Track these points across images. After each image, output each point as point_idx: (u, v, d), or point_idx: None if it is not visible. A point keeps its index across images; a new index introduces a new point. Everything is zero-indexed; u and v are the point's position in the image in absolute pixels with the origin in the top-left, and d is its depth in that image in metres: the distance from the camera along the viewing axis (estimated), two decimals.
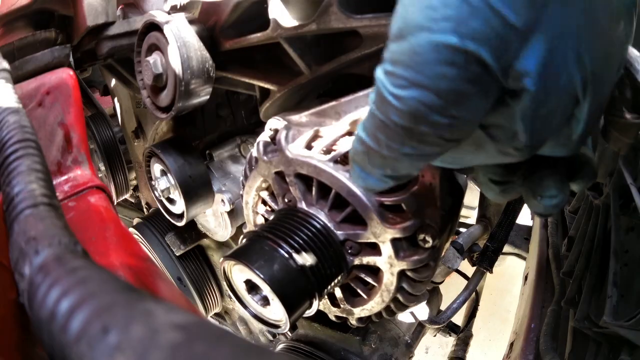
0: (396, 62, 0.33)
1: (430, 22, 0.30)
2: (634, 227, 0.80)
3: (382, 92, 0.34)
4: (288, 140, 0.66)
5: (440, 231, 0.61)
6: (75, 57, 1.02)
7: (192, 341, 0.20)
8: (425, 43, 0.31)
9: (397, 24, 0.33)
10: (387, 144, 0.37)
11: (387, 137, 0.36)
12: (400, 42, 0.32)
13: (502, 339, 2.02)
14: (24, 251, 0.31)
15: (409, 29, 0.31)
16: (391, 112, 0.34)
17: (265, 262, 0.61)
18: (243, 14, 0.74)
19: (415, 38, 0.31)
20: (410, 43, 0.31)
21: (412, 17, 0.31)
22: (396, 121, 0.34)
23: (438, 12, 0.30)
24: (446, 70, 0.31)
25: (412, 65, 0.32)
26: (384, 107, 0.34)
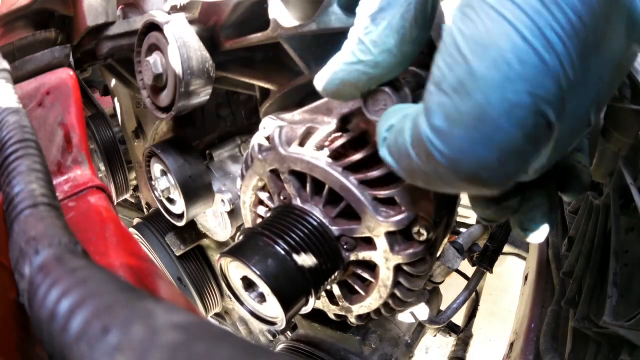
0: (453, 120, 0.30)
1: (505, 81, 0.28)
2: (634, 227, 0.80)
3: (430, 149, 0.32)
4: (281, 138, 0.67)
5: (435, 224, 0.61)
6: (75, 57, 1.02)
7: (192, 341, 0.20)
8: (497, 103, 0.28)
9: (455, 76, 0.29)
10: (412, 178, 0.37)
11: (423, 180, 0.36)
12: (461, 97, 0.29)
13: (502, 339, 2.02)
14: (24, 251, 0.31)
15: (475, 86, 0.28)
16: (439, 168, 0.32)
17: (261, 258, 0.62)
18: (243, 14, 0.74)
19: (483, 96, 0.28)
20: (475, 101, 0.29)
21: (481, 72, 0.28)
22: (442, 176, 0.32)
23: (514, 70, 0.28)
24: (514, 132, 0.29)
25: (475, 126, 0.29)
26: (429, 162, 0.32)
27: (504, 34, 0.28)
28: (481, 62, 0.28)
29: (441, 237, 0.68)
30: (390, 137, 0.39)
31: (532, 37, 0.27)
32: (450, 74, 0.30)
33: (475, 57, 0.29)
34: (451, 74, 0.30)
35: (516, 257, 1.50)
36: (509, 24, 0.28)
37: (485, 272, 1.25)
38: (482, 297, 1.42)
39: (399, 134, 0.37)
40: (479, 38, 0.29)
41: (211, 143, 1.19)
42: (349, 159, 0.62)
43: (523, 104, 0.28)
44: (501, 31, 0.28)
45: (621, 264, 0.75)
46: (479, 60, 0.28)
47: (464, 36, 0.29)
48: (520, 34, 0.27)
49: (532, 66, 0.28)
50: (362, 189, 0.61)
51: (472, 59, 0.29)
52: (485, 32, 0.28)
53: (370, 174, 0.60)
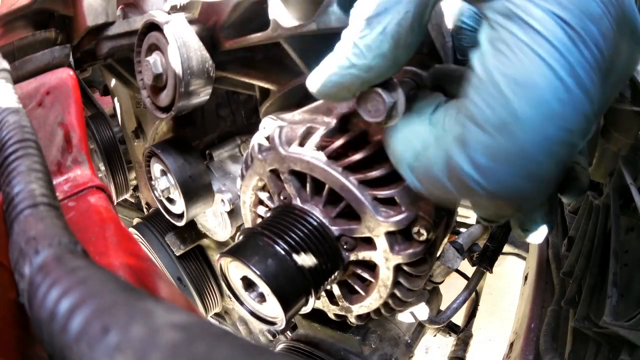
0: (496, 159, 0.31)
1: (545, 120, 0.29)
2: (634, 227, 0.80)
3: (471, 184, 0.33)
4: (281, 138, 0.67)
5: (435, 224, 0.61)
6: (75, 57, 1.02)
7: (192, 341, 0.20)
8: (538, 142, 0.30)
9: (498, 117, 0.30)
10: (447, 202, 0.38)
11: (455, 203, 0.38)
12: (504, 137, 0.30)
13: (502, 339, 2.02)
14: (24, 251, 0.31)
15: (519, 126, 0.30)
16: (478, 199, 0.34)
17: (261, 258, 0.62)
18: (243, 14, 0.74)
19: (526, 136, 0.30)
20: (518, 140, 0.30)
21: (524, 112, 0.30)
22: (479, 204, 0.35)
23: (553, 109, 0.29)
24: (551, 166, 0.31)
25: (518, 163, 0.31)
26: (468, 194, 0.34)
27: (542, 74, 0.29)
28: (523, 103, 0.30)
29: (441, 237, 0.69)
30: (419, 167, 0.40)
31: (566, 76, 0.29)
32: (492, 113, 0.31)
33: (517, 97, 0.30)
34: (493, 113, 0.31)
35: (516, 257, 1.50)
36: (544, 63, 0.29)
37: (485, 272, 1.25)
38: (482, 297, 1.42)
39: (431, 165, 0.38)
40: (519, 78, 0.30)
41: (211, 143, 1.19)
42: (349, 159, 0.62)
43: (560, 140, 0.30)
44: (539, 71, 0.29)
45: (621, 264, 0.75)
46: (521, 101, 0.30)
47: (503, 75, 0.30)
48: (556, 74, 0.29)
49: (568, 104, 0.29)
50: (362, 189, 0.61)
51: (514, 100, 0.30)
52: (524, 71, 0.29)
53: (370, 174, 0.60)
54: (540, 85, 0.29)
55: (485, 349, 2.13)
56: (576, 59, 0.29)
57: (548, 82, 0.29)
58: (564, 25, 0.29)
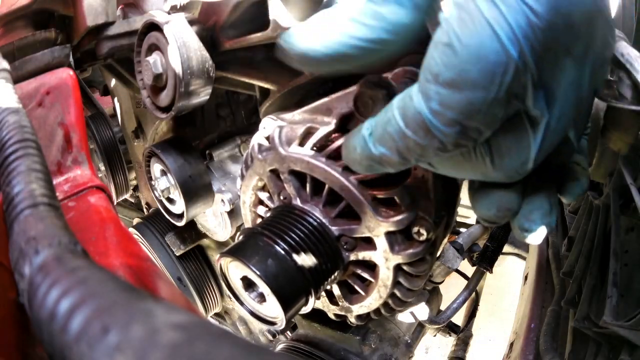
0: (448, 107, 0.37)
1: (490, 83, 0.35)
2: (634, 227, 0.80)
3: (429, 126, 0.39)
4: (281, 138, 0.67)
5: (435, 224, 0.61)
6: (75, 57, 1.02)
7: (192, 341, 0.20)
8: (482, 100, 0.36)
9: (450, 74, 0.36)
10: (404, 155, 0.43)
11: (417, 153, 0.42)
12: (454, 91, 0.36)
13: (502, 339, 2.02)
14: (23, 251, 0.31)
15: (466, 85, 0.36)
16: (432, 140, 0.39)
17: (261, 258, 0.62)
18: (243, 14, 0.74)
19: (472, 94, 0.36)
20: (466, 96, 0.36)
21: (473, 77, 0.35)
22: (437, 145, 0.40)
23: (497, 76, 0.35)
24: (494, 113, 0.37)
25: (465, 112, 0.37)
26: (426, 136, 0.39)
27: (496, 52, 0.34)
28: (473, 68, 0.35)
29: (441, 237, 0.69)
30: (377, 130, 0.44)
31: (515, 51, 0.34)
32: (447, 71, 0.36)
33: (469, 64, 0.35)
34: (448, 71, 0.36)
35: (516, 257, 1.50)
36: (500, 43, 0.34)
37: (485, 272, 1.25)
38: (482, 297, 1.42)
39: (387, 125, 0.42)
40: (474, 49, 0.35)
41: (211, 143, 1.19)
42: None
43: (499, 99, 0.36)
44: (495, 49, 0.34)
45: (621, 264, 0.75)
46: (472, 67, 0.35)
47: (460, 42, 0.35)
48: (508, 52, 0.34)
49: (510, 76, 0.35)
50: (362, 189, 0.61)
51: (467, 66, 0.35)
52: (480, 46, 0.35)
53: (370, 174, 0.60)
54: (492, 60, 0.34)
55: (485, 349, 2.13)
56: (529, 44, 0.34)
57: (499, 58, 0.34)
58: (531, 15, 0.33)
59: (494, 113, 0.37)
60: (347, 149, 0.49)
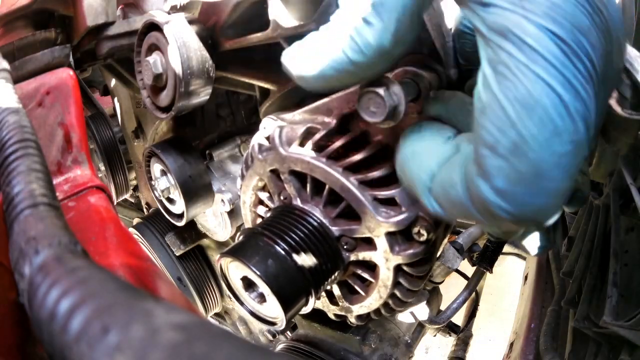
0: (514, 181, 0.33)
1: (552, 136, 0.31)
2: (634, 227, 0.80)
3: (494, 209, 0.34)
4: (282, 138, 0.67)
5: (435, 225, 0.61)
6: (75, 57, 1.02)
7: (192, 341, 0.20)
8: (549, 158, 0.32)
9: (510, 140, 0.32)
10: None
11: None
12: (518, 159, 0.32)
13: (502, 339, 2.02)
14: (24, 251, 0.31)
15: (529, 147, 0.32)
16: (502, 222, 0.35)
17: (261, 258, 0.61)
18: (243, 14, 0.74)
19: (537, 155, 0.32)
20: (531, 161, 0.32)
21: (533, 133, 0.31)
22: (502, 226, 0.38)
23: (557, 125, 0.31)
24: (564, 179, 0.33)
25: (534, 182, 0.32)
26: (492, 218, 0.36)
27: (542, 93, 0.31)
28: (529, 123, 0.32)
29: (441, 238, 0.68)
30: (437, 189, 0.41)
31: (563, 91, 0.31)
32: (503, 138, 0.33)
33: (522, 119, 0.32)
34: (504, 138, 0.33)
35: (516, 257, 1.50)
36: (542, 81, 0.31)
37: (485, 272, 1.25)
38: (482, 297, 1.42)
39: (450, 188, 0.39)
40: (522, 100, 0.32)
41: (211, 143, 1.19)
42: (349, 159, 0.61)
43: (568, 152, 0.32)
44: (539, 90, 0.31)
45: (621, 264, 0.75)
46: (527, 122, 0.32)
47: (507, 99, 0.32)
48: (554, 90, 0.31)
49: (568, 117, 0.31)
50: (362, 189, 0.61)
51: (520, 122, 0.32)
52: (525, 93, 0.31)
53: (370, 174, 0.60)
54: (542, 104, 0.31)
55: (485, 349, 2.13)
56: (571, 72, 0.31)
57: (548, 99, 0.31)
58: (558, 41, 0.31)
59: (570, 172, 0.33)
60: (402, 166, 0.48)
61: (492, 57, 0.33)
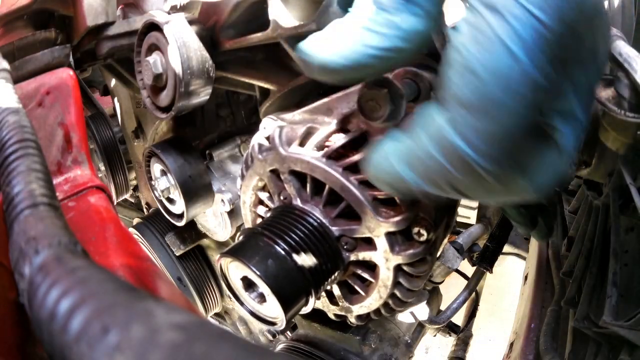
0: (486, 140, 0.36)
1: (518, 103, 0.35)
2: (634, 227, 0.80)
3: (472, 165, 0.37)
4: (282, 138, 0.67)
5: (435, 224, 0.61)
6: (75, 57, 1.02)
7: (192, 341, 0.20)
8: (516, 121, 0.36)
9: (477, 99, 0.36)
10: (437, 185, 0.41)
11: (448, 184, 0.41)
12: (486, 118, 0.36)
13: (502, 339, 2.02)
14: (23, 251, 0.31)
15: (497, 109, 0.35)
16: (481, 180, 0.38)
17: (261, 258, 0.61)
18: (243, 14, 0.74)
19: (505, 117, 0.35)
20: (501, 123, 0.36)
21: (499, 97, 0.35)
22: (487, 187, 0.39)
23: (522, 93, 0.35)
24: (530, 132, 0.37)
25: (504, 141, 0.36)
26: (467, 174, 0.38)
27: (515, 67, 0.34)
28: (498, 90, 0.35)
29: (441, 238, 0.69)
30: (406, 154, 0.42)
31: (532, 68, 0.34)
32: (473, 97, 0.36)
33: (493, 85, 0.35)
34: (475, 97, 0.36)
35: (516, 257, 1.50)
36: (516, 58, 0.34)
37: (485, 272, 1.25)
38: (482, 297, 1.42)
39: (418, 151, 0.41)
40: (495, 68, 0.35)
41: (211, 143, 1.19)
42: (349, 159, 0.62)
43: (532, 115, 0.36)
44: (512, 64, 0.34)
45: (621, 264, 0.75)
46: (496, 88, 0.35)
47: (481, 64, 0.35)
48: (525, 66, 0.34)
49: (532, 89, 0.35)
50: (362, 189, 0.61)
51: (491, 88, 0.35)
52: (499, 63, 0.35)
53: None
54: (513, 77, 0.34)
55: (485, 349, 2.13)
56: (544, 54, 0.34)
57: (519, 73, 0.34)
58: (540, 27, 0.34)
59: (530, 135, 0.37)
60: (369, 165, 0.48)
61: (472, 21, 0.36)
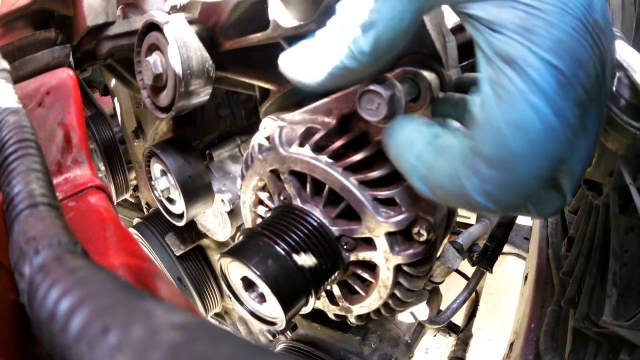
0: (500, 187, 0.38)
1: (539, 155, 0.36)
2: (634, 227, 0.80)
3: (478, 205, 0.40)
4: (282, 138, 0.67)
5: (435, 225, 0.61)
6: (75, 57, 1.02)
7: (192, 341, 0.20)
8: (534, 173, 0.37)
9: (501, 157, 0.37)
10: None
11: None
12: (505, 171, 0.37)
13: (502, 339, 2.02)
14: (23, 251, 0.31)
15: (517, 162, 0.36)
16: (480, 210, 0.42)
17: (261, 258, 0.61)
18: (243, 14, 0.74)
19: (524, 169, 0.37)
20: (518, 173, 0.37)
21: (521, 151, 0.36)
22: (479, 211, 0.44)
23: (544, 146, 0.36)
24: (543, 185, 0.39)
25: (517, 189, 0.38)
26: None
27: (537, 119, 0.35)
28: (521, 144, 0.36)
29: (441, 238, 0.68)
30: (433, 181, 0.44)
31: (555, 118, 0.35)
32: (496, 153, 0.37)
33: (516, 140, 0.36)
34: (497, 153, 0.37)
35: (516, 257, 1.50)
36: (538, 110, 0.35)
37: (485, 272, 1.25)
38: (482, 297, 1.42)
39: (444, 184, 0.43)
40: (517, 123, 0.36)
41: (211, 143, 1.19)
42: (349, 159, 0.62)
43: (551, 167, 0.37)
44: (534, 117, 0.35)
45: (621, 264, 0.75)
46: (519, 143, 0.36)
47: (504, 121, 0.36)
48: (547, 118, 0.35)
49: (555, 139, 0.36)
50: (362, 189, 0.61)
51: (513, 142, 0.36)
52: (521, 117, 0.35)
53: (370, 174, 0.60)
54: (535, 129, 0.35)
55: (485, 349, 2.13)
56: (564, 101, 0.35)
57: (541, 125, 0.35)
58: (557, 73, 0.34)
59: (546, 182, 0.38)
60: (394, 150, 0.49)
61: (493, 78, 0.37)
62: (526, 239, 1.46)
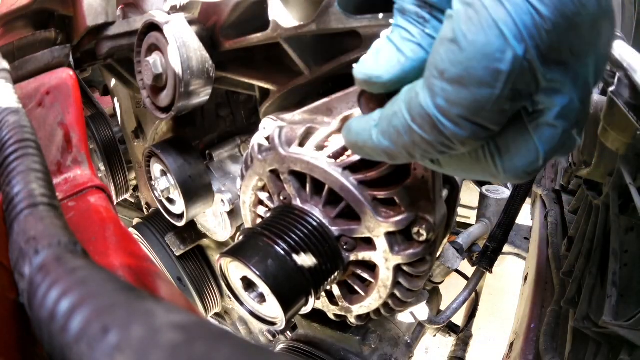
0: (454, 103, 0.38)
1: (494, 81, 0.36)
2: (634, 227, 0.80)
3: (436, 122, 0.39)
4: (281, 138, 0.67)
5: (435, 225, 0.61)
6: (75, 57, 1.02)
7: (192, 341, 0.20)
8: (487, 97, 0.37)
9: (456, 71, 0.37)
10: (409, 150, 0.43)
11: (417, 147, 0.42)
12: (459, 88, 0.37)
13: (502, 339, 2.02)
14: (23, 251, 0.31)
15: (471, 82, 0.36)
16: (438, 136, 0.40)
17: (261, 258, 0.62)
18: (243, 14, 0.74)
19: (478, 91, 0.37)
20: (472, 93, 0.37)
21: (476, 73, 0.36)
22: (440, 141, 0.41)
23: (502, 74, 0.36)
24: (500, 111, 0.38)
25: (471, 109, 0.38)
26: (432, 132, 0.40)
27: (503, 48, 0.35)
28: (478, 66, 0.36)
29: (441, 238, 0.69)
30: (383, 124, 0.45)
31: (521, 49, 0.35)
32: (452, 68, 0.37)
33: (475, 61, 0.36)
34: (453, 68, 0.37)
35: (516, 257, 1.50)
36: (505, 40, 0.35)
37: (485, 272, 1.25)
38: (482, 297, 1.42)
39: (393, 118, 0.43)
40: (480, 46, 0.35)
41: (211, 143, 1.19)
42: (349, 159, 0.62)
43: (506, 96, 0.37)
44: (501, 45, 0.35)
45: (621, 264, 0.75)
46: (477, 64, 0.36)
47: (466, 40, 0.36)
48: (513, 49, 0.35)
49: (512, 66, 0.35)
50: (362, 189, 0.61)
51: (472, 63, 0.36)
52: (487, 43, 0.35)
53: (370, 174, 0.60)
54: (497, 57, 0.35)
55: (485, 349, 2.13)
56: (535, 41, 0.35)
57: (505, 55, 0.35)
58: (535, 15, 0.34)
59: (499, 110, 0.38)
60: (349, 132, 0.50)
61: (469, 0, 0.37)
62: (526, 239, 1.46)
